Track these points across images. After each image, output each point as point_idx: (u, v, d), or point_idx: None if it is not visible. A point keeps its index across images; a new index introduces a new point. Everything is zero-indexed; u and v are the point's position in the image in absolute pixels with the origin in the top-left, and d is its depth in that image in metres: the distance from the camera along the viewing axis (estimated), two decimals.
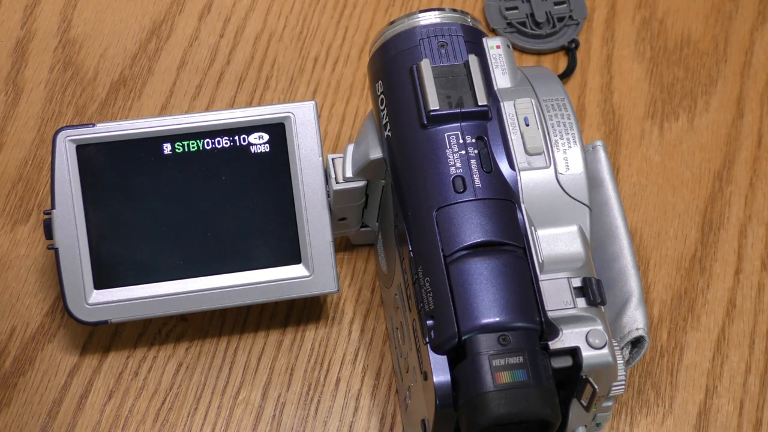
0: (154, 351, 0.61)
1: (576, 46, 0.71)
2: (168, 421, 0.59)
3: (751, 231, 0.66)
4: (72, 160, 0.56)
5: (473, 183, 0.52)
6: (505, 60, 0.57)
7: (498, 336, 0.49)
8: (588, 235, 0.54)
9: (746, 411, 0.61)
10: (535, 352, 0.49)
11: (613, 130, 0.69)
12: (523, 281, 0.50)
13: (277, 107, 0.58)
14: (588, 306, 0.51)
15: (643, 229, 0.66)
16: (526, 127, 0.54)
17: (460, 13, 0.58)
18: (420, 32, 0.56)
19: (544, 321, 0.50)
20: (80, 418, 0.59)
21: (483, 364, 0.48)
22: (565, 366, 0.50)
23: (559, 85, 0.57)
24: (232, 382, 0.60)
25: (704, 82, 0.71)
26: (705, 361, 0.62)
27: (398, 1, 0.72)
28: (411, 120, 0.54)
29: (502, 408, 0.47)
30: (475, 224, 0.51)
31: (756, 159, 0.68)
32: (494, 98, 0.55)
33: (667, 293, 0.64)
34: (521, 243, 0.51)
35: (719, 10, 0.73)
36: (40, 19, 0.70)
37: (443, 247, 0.51)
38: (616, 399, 0.54)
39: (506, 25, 0.71)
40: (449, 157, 0.53)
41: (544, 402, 0.48)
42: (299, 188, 0.58)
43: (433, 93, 0.54)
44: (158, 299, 0.57)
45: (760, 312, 0.64)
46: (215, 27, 0.71)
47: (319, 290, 0.58)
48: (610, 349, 0.50)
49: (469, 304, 0.49)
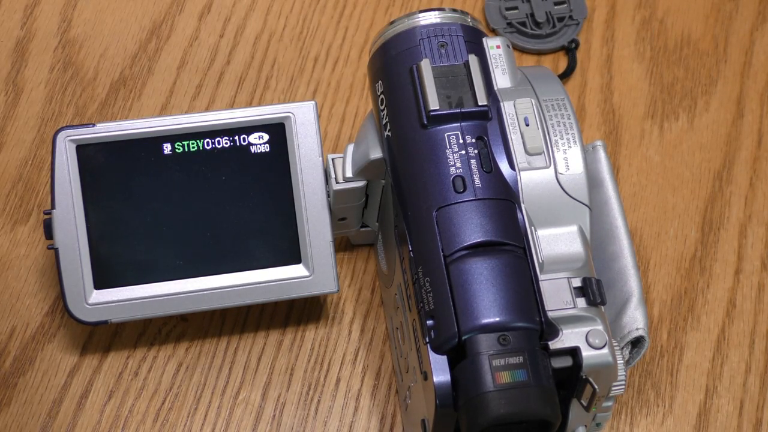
0: (154, 351, 0.61)
1: (576, 46, 0.71)
2: (168, 421, 0.59)
3: (751, 231, 0.66)
4: (72, 160, 0.56)
5: (473, 183, 0.52)
6: (505, 60, 0.57)
7: (498, 336, 0.49)
8: (588, 235, 0.54)
9: (746, 411, 0.61)
10: (535, 352, 0.49)
11: (613, 130, 0.69)
12: (523, 281, 0.50)
13: (277, 107, 0.58)
14: (588, 306, 0.51)
15: (643, 229, 0.66)
16: (526, 127, 0.54)
17: (460, 13, 0.58)
18: (420, 32, 0.56)
19: (544, 321, 0.50)
20: (80, 418, 0.59)
21: (483, 364, 0.48)
22: (565, 366, 0.50)
23: (559, 85, 0.57)
24: (232, 382, 0.60)
25: (704, 82, 0.71)
26: (705, 361, 0.62)
27: (398, 1, 0.72)
28: (411, 120, 0.54)
29: (502, 408, 0.47)
30: (475, 224, 0.51)
31: (756, 159, 0.68)
32: (494, 98, 0.55)
33: (667, 293, 0.64)
34: (521, 243, 0.51)
35: (719, 10, 0.73)
36: (40, 19, 0.70)
37: (443, 247, 0.51)
38: (616, 399, 0.54)
39: (506, 25, 0.71)
40: (449, 157, 0.53)
41: (544, 402, 0.48)
42: (299, 188, 0.58)
43: (433, 93, 0.54)
44: (158, 299, 0.57)
45: (760, 312, 0.64)
46: (215, 27, 0.71)
47: (319, 290, 0.58)
48: (610, 349, 0.50)
49: (469, 304, 0.50)
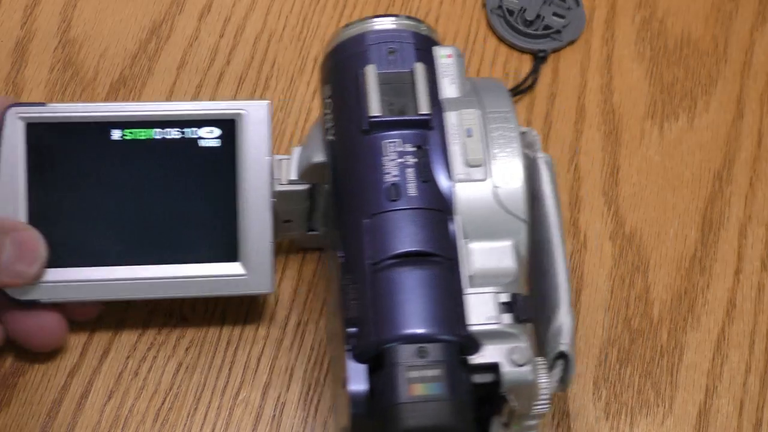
0: (154, 351, 0.61)
1: (543, 58, 0.70)
2: (168, 421, 0.59)
3: (751, 231, 0.66)
4: (20, 137, 0.56)
5: (407, 192, 0.51)
6: (454, 69, 0.56)
7: (417, 347, 0.48)
8: (524, 250, 0.53)
9: (746, 411, 0.61)
10: (453, 366, 0.48)
11: (613, 130, 0.69)
12: (447, 293, 0.50)
13: (230, 103, 0.58)
14: (513, 323, 0.50)
15: (643, 229, 0.66)
16: (468, 138, 0.53)
17: (414, 21, 0.57)
18: (370, 38, 0.56)
19: (465, 335, 0.49)
20: (80, 418, 0.59)
21: (398, 375, 0.48)
22: (485, 382, 0.49)
23: (506, 97, 0.56)
24: (232, 382, 0.60)
25: (704, 82, 0.71)
26: (705, 361, 0.62)
27: (398, 1, 0.72)
28: (353, 125, 0.54)
29: (413, 420, 0.47)
30: (404, 234, 0.51)
31: (756, 159, 0.68)
32: (439, 107, 0.54)
33: (667, 293, 0.64)
34: (450, 255, 0.51)
35: (719, 10, 0.73)
36: (40, 19, 0.70)
37: (371, 255, 0.50)
38: (539, 418, 0.53)
39: (497, 8, 0.71)
40: (386, 164, 0.52)
41: (456, 416, 0.47)
42: (244, 187, 0.57)
43: (375, 99, 0.53)
44: (91, 284, 0.56)
45: (760, 312, 0.64)
46: (215, 27, 0.71)
47: (253, 290, 0.57)
48: (531, 368, 0.49)
49: (390, 314, 0.49)
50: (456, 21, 0.71)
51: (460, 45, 0.71)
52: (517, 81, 0.70)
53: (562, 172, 0.67)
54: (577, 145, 0.68)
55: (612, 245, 0.65)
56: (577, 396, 0.61)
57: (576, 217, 0.66)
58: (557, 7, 0.72)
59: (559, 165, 0.67)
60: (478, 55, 0.71)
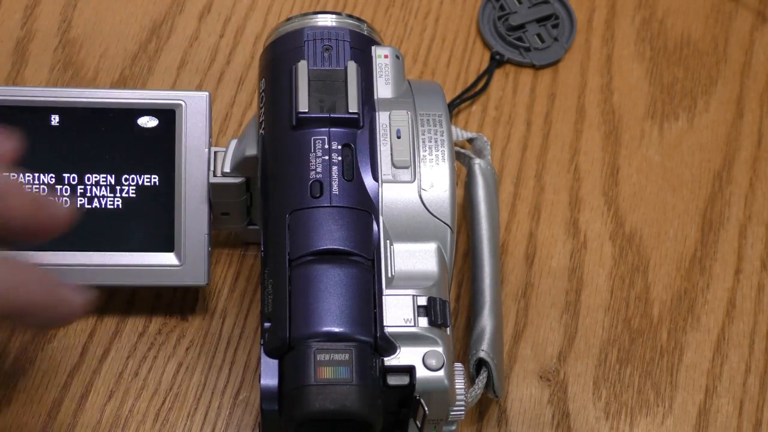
0: (154, 351, 0.61)
1: (498, 62, 0.69)
2: (168, 421, 0.59)
3: (751, 231, 0.66)
4: None
5: (331, 189, 0.52)
6: (390, 70, 0.56)
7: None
8: (448, 255, 0.52)
9: (746, 411, 0.61)
10: (364, 351, 0.48)
11: (613, 130, 0.69)
12: (364, 293, 0.50)
13: (170, 93, 0.59)
14: (430, 326, 0.50)
15: (643, 229, 0.66)
16: (396, 140, 0.53)
17: (355, 20, 0.57)
18: (307, 34, 0.56)
19: (379, 336, 0.49)
20: (80, 418, 0.59)
21: (307, 357, 0.48)
22: (401, 384, 0.49)
23: (441, 101, 0.56)
24: (232, 382, 0.60)
25: (704, 82, 0.71)
26: (705, 361, 0.62)
27: (398, 2, 0.72)
28: (283, 120, 0.54)
29: (318, 403, 0.47)
30: (325, 231, 0.51)
31: (756, 159, 0.68)
32: (370, 107, 0.54)
33: (667, 293, 0.64)
34: (370, 255, 0.51)
35: (719, 11, 0.73)
36: (40, 19, 0.70)
37: (290, 251, 0.50)
38: (458, 424, 0.53)
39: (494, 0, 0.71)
40: (311, 161, 0.52)
41: (363, 402, 0.47)
42: (181, 177, 0.57)
43: (304, 95, 0.53)
44: None
45: (760, 312, 0.64)
46: (215, 27, 0.71)
47: (187, 281, 0.57)
48: (446, 372, 0.49)
49: (304, 311, 0.49)
50: (456, 21, 0.71)
51: (459, 45, 0.71)
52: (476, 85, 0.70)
53: (562, 172, 0.67)
54: (577, 145, 0.68)
55: (612, 245, 0.65)
56: (577, 396, 0.61)
57: (576, 217, 0.66)
58: (545, 31, 0.71)
59: (559, 165, 0.67)
60: (478, 56, 0.71)
